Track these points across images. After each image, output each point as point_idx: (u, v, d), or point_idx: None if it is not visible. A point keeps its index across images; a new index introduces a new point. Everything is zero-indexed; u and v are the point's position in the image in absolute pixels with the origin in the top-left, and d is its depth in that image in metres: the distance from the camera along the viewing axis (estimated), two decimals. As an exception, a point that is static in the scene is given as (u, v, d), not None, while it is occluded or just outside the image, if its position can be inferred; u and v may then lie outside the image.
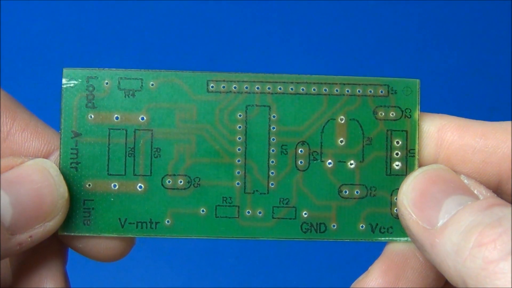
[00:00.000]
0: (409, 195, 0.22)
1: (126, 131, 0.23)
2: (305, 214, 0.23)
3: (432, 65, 0.65)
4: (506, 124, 0.24)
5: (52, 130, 0.24)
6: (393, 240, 0.24)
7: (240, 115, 0.23)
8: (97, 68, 0.23)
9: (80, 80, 0.23)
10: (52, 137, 0.23)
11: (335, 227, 0.24)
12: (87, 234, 0.23)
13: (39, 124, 0.24)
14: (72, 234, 0.23)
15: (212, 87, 0.23)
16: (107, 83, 0.23)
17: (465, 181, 0.22)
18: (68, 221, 0.23)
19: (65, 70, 0.23)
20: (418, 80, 0.23)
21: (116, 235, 0.23)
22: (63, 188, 0.22)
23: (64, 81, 0.23)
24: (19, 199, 0.21)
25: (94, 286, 0.55)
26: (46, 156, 0.23)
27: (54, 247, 0.23)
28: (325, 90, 0.23)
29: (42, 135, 0.23)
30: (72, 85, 0.23)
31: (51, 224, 0.22)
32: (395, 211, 0.24)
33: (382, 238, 0.24)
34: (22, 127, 0.23)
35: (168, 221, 0.23)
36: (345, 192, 0.23)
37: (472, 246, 0.19)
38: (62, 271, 0.23)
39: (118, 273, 0.57)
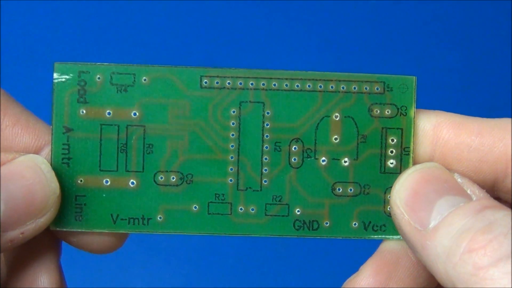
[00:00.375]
0: (401, 195, 0.22)
1: (118, 126, 0.23)
2: (298, 211, 0.23)
3: (428, 62, 0.65)
4: (502, 122, 0.23)
5: (44, 124, 0.24)
6: (386, 238, 0.24)
7: (233, 112, 0.23)
8: (89, 63, 0.23)
9: (71, 75, 0.23)
10: (43, 132, 0.23)
11: (328, 224, 0.23)
12: (78, 230, 0.23)
13: (30, 118, 0.23)
14: (64, 229, 0.23)
15: (206, 82, 0.23)
16: (99, 78, 0.23)
17: (459, 179, 0.22)
18: (60, 216, 0.23)
19: (56, 65, 0.23)
20: (414, 77, 0.23)
21: (108, 231, 0.23)
22: (54, 184, 0.22)
23: (55, 75, 0.23)
24: (10, 196, 0.21)
25: (94, 285, 0.55)
26: (37, 151, 0.23)
27: (47, 241, 0.23)
28: (320, 86, 0.23)
29: (33, 129, 0.23)
30: (63, 79, 0.23)
31: (42, 221, 0.22)
32: (388, 209, 0.23)
33: (375, 236, 0.24)
34: (13, 122, 0.23)
35: (160, 217, 0.23)
36: (339, 189, 0.23)
37: (463, 251, 0.19)
38: (57, 264, 0.23)
39: (117, 273, 0.57)
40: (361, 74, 0.23)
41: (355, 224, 0.23)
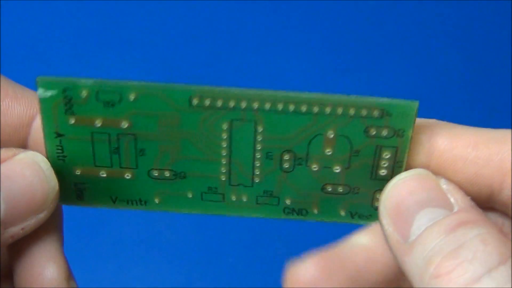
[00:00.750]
0: (386, 205, 0.23)
1: (109, 135, 0.23)
2: (288, 202, 0.24)
3: (426, 65, 0.64)
4: (499, 133, 0.22)
5: (30, 92, 0.24)
6: (371, 223, 0.25)
7: (225, 127, 0.22)
8: (72, 78, 0.21)
9: (56, 91, 0.22)
10: (32, 100, 0.23)
11: (316, 212, 0.25)
12: (81, 206, 0.25)
13: (16, 89, 0.23)
14: (67, 205, 0.25)
15: (195, 102, 0.22)
16: (84, 95, 0.22)
17: (444, 186, 0.22)
18: (61, 195, 0.24)
19: (39, 80, 0.21)
20: (416, 103, 0.22)
21: (108, 208, 0.25)
22: (53, 182, 0.23)
23: (39, 91, 0.22)
24: (11, 195, 0.22)
25: (93, 285, 0.56)
26: (31, 120, 0.23)
27: (50, 229, 0.24)
28: (316, 109, 0.22)
29: (22, 99, 0.23)
30: (48, 95, 0.22)
31: (42, 216, 0.23)
32: (375, 204, 0.24)
33: (361, 221, 0.25)
34: (2, 97, 0.23)
35: (156, 201, 0.24)
36: (329, 189, 0.24)
37: (430, 276, 0.20)
38: (61, 253, 0.24)
39: (117, 273, 0.57)
40: (359, 99, 0.22)
41: (342, 213, 0.25)
